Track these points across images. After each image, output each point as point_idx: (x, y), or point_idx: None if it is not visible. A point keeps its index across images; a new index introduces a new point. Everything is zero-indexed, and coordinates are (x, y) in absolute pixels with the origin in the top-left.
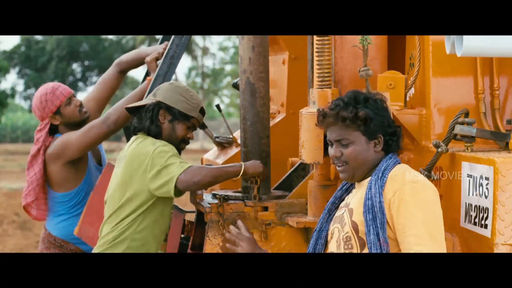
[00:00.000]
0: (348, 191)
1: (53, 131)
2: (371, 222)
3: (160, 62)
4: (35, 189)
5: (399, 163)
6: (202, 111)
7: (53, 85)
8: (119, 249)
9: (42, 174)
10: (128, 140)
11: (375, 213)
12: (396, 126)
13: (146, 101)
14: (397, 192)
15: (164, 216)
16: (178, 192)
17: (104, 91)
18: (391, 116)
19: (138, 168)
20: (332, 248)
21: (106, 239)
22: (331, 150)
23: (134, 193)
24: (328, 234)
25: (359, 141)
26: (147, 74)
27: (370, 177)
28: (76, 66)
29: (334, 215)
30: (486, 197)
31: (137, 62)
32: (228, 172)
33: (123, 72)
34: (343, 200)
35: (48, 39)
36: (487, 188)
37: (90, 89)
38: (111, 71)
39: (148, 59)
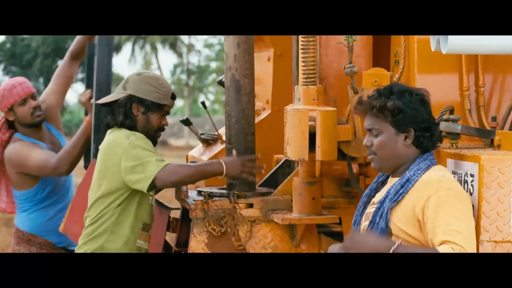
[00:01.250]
0: (384, 183)
1: (11, 125)
2: (373, 226)
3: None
4: None
5: (434, 164)
6: (173, 96)
7: (14, 82)
8: (99, 242)
9: (1, 166)
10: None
11: (378, 220)
12: (432, 123)
13: (116, 95)
14: (432, 197)
15: (142, 207)
16: (152, 188)
17: (61, 82)
18: (430, 113)
19: (113, 160)
20: None
21: (86, 232)
22: (365, 139)
23: (110, 185)
24: (360, 230)
25: (387, 132)
26: (86, 113)
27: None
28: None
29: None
30: (471, 194)
31: (84, 45)
32: (205, 172)
33: (75, 58)
34: (378, 191)
35: (34, 36)
36: (472, 185)
37: (75, 86)
38: (64, 61)
39: (82, 99)
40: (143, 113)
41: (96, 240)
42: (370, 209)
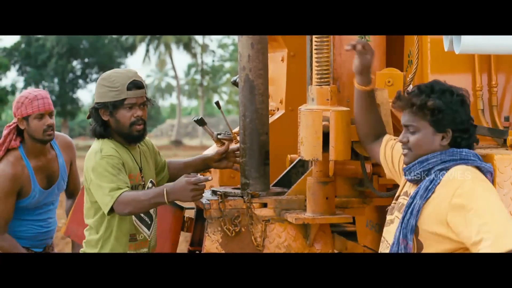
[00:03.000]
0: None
1: (20, 133)
2: (403, 221)
3: None
4: None
5: (461, 159)
6: (131, 84)
7: (37, 94)
8: (95, 250)
9: None
10: None
11: (411, 215)
12: (470, 124)
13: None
14: (457, 190)
15: (124, 219)
16: (111, 213)
17: None
18: (469, 114)
19: (87, 173)
20: (389, 237)
21: (85, 239)
22: (401, 135)
23: (92, 198)
24: (388, 220)
25: (425, 131)
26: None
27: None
28: (76, 63)
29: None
30: None
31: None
32: (155, 204)
33: None
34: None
35: (48, 36)
36: None
37: (90, 86)
38: None
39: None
40: (110, 116)
41: (92, 249)
42: (403, 200)
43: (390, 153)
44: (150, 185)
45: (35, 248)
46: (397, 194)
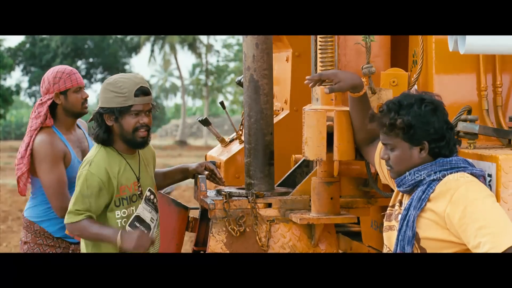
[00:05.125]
0: None
1: (52, 109)
2: (400, 233)
3: None
4: (27, 161)
5: (452, 169)
6: (139, 91)
7: (72, 69)
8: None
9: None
10: None
11: (405, 228)
12: (446, 130)
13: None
14: (454, 195)
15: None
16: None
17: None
18: (443, 120)
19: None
20: (390, 244)
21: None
22: (382, 152)
23: None
24: (386, 225)
25: (401, 147)
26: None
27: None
28: (80, 63)
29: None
30: None
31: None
32: (103, 240)
33: None
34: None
35: (53, 36)
36: (489, 185)
37: (95, 86)
38: None
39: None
40: (115, 121)
41: (88, 246)
42: (399, 208)
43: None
44: (148, 193)
45: (57, 234)
46: (392, 202)
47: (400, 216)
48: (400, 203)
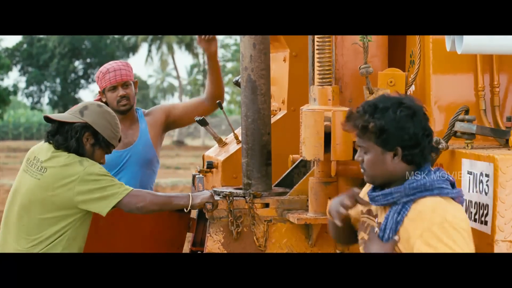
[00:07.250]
0: None
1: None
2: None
3: None
4: None
5: (427, 191)
6: (119, 141)
7: (110, 67)
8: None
9: None
10: None
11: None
12: (421, 137)
13: (72, 118)
14: (424, 233)
15: (79, 236)
16: (111, 209)
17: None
18: (420, 126)
19: (63, 187)
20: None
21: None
22: (357, 153)
23: (57, 212)
24: (360, 238)
25: (374, 151)
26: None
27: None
28: (78, 64)
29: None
30: (486, 194)
31: None
32: (174, 205)
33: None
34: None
35: (50, 36)
36: (487, 185)
37: (92, 86)
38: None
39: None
40: (91, 145)
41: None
42: (368, 220)
43: None
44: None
45: None
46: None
47: (371, 229)
48: (369, 212)
